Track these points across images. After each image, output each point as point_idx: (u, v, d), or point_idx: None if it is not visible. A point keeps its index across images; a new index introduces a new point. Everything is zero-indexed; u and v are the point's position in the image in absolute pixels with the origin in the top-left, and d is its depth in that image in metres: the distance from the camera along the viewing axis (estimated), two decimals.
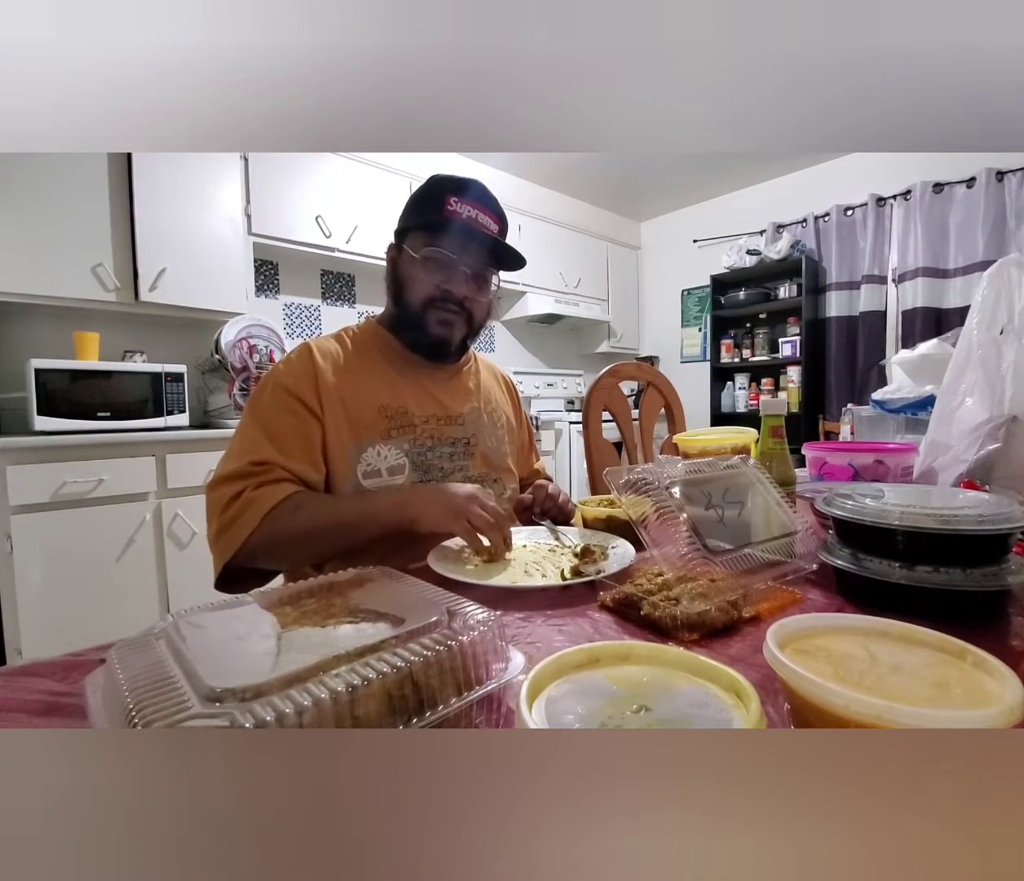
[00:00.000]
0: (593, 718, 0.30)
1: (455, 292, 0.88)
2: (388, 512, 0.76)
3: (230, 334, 2.32)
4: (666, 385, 1.61)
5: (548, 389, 3.86)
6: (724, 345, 3.92)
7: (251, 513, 0.73)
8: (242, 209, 2.40)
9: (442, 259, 0.86)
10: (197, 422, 2.34)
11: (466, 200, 0.85)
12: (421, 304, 0.88)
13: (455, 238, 0.85)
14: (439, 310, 0.88)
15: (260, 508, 0.73)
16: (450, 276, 0.87)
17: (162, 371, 2.10)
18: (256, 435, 0.79)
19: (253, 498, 0.74)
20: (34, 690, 0.42)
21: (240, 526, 0.73)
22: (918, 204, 3.10)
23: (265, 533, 0.73)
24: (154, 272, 2.15)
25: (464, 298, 0.89)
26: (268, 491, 0.74)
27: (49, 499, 1.78)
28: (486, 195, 0.89)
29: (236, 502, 0.74)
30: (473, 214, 0.86)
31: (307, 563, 0.80)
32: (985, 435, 0.87)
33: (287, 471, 0.78)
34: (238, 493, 0.74)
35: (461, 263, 0.87)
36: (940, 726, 0.26)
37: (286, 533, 0.74)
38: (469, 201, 0.85)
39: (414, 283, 0.88)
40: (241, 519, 0.73)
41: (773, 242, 3.64)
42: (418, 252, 0.86)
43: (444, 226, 0.84)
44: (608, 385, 1.48)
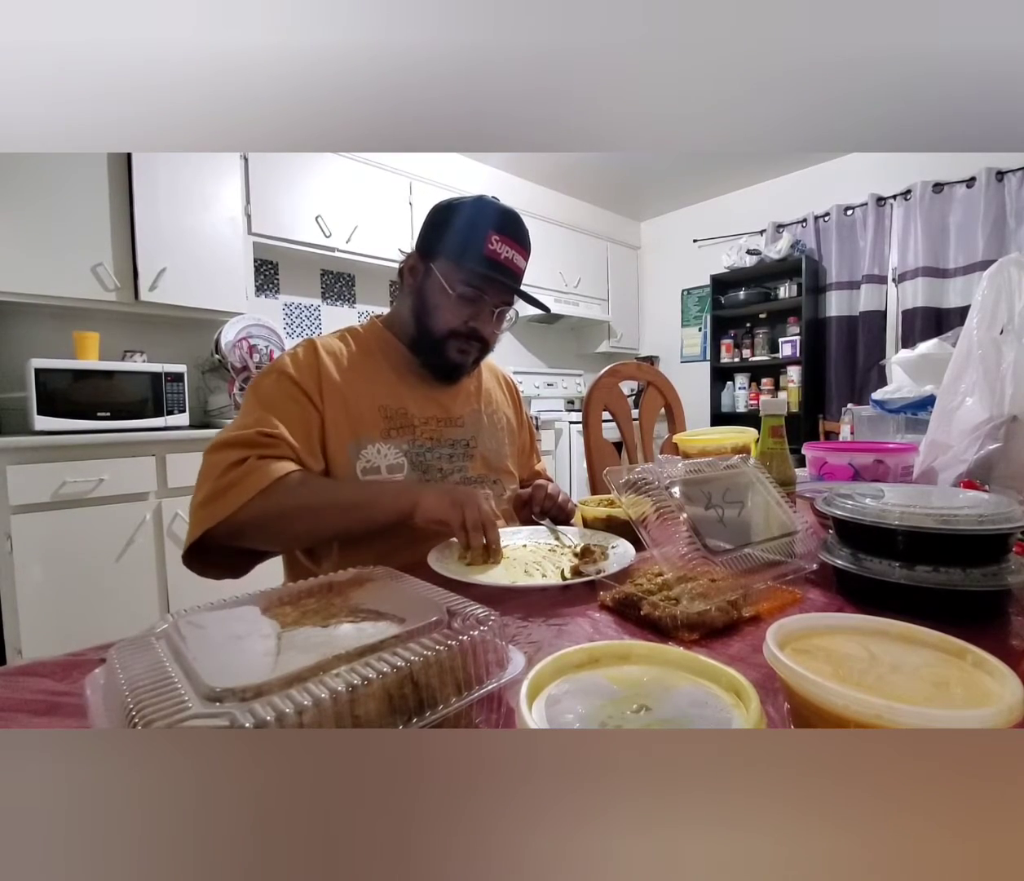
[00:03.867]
0: (593, 718, 0.30)
1: (481, 330, 0.88)
2: (389, 497, 0.76)
3: (230, 334, 2.32)
4: (666, 385, 1.61)
5: (548, 389, 3.86)
6: (724, 345, 3.92)
7: (251, 482, 0.71)
8: (242, 209, 2.40)
9: (476, 299, 0.86)
10: (197, 422, 2.34)
11: (506, 237, 0.84)
12: (445, 334, 0.87)
13: (492, 279, 0.85)
14: (461, 341, 0.88)
15: (261, 479, 0.71)
16: (479, 314, 0.87)
17: (162, 371, 2.10)
18: (262, 413, 0.78)
19: (257, 467, 0.72)
20: (34, 690, 0.42)
21: (236, 494, 0.70)
22: (918, 204, 3.10)
23: (258, 506, 0.70)
24: (154, 272, 2.15)
25: (489, 335, 0.90)
26: (273, 465, 0.73)
27: (49, 499, 1.78)
28: (521, 230, 0.88)
29: (237, 468, 0.72)
30: (511, 255, 0.85)
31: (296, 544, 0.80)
32: (985, 435, 0.87)
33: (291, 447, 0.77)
34: (242, 459, 0.72)
35: (491, 303, 0.87)
36: (940, 726, 0.26)
37: (279, 509, 0.72)
38: (509, 239, 0.85)
39: (442, 312, 0.87)
40: (239, 486, 0.71)
41: (773, 242, 3.64)
42: (453, 287, 0.85)
43: (483, 266, 0.83)
44: (608, 385, 1.48)
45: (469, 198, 0.89)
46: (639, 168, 3.59)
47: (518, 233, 0.87)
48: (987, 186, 2.88)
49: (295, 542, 0.80)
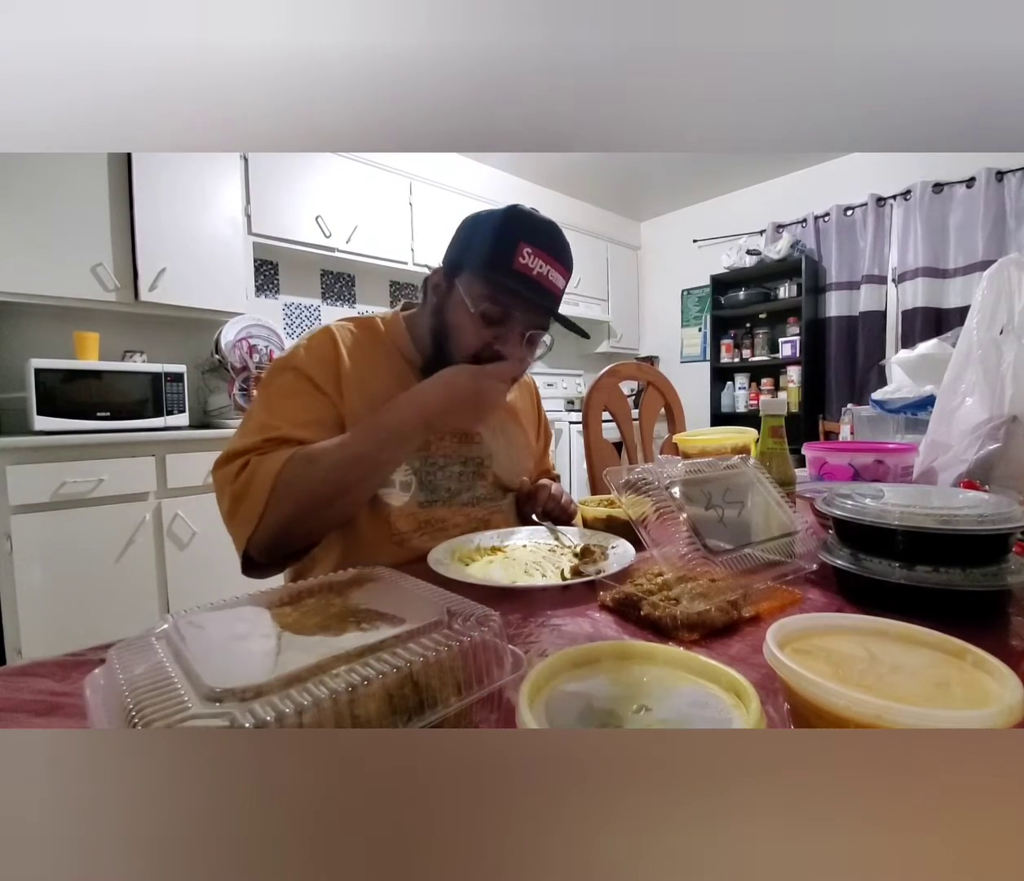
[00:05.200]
0: (593, 718, 0.30)
1: (507, 355, 0.76)
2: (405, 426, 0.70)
3: (230, 334, 2.32)
4: (666, 385, 1.61)
5: (548, 389, 3.86)
6: (724, 345, 3.92)
7: (261, 476, 0.68)
8: (242, 209, 2.40)
9: (502, 318, 0.76)
10: (197, 422, 2.34)
11: (540, 250, 0.74)
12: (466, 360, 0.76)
13: (520, 296, 0.74)
14: None
15: (269, 469, 0.68)
16: (505, 336, 0.77)
17: (162, 371, 2.10)
18: (267, 418, 0.75)
19: (261, 461, 0.70)
20: (34, 690, 0.42)
21: (254, 492, 0.68)
22: (918, 204, 3.10)
23: (287, 501, 0.68)
24: (154, 272, 2.15)
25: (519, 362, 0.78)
26: (274, 455, 0.70)
27: (49, 499, 1.78)
28: (559, 243, 0.77)
29: (244, 471, 0.70)
30: (545, 270, 0.74)
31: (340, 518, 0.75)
32: (985, 435, 0.87)
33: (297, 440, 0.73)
34: (244, 464, 0.71)
35: (520, 324, 0.77)
36: (940, 726, 0.26)
37: (307, 492, 0.69)
38: (543, 252, 0.74)
39: (462, 334, 0.77)
40: (253, 484, 0.68)
41: (773, 242, 3.64)
42: (475, 304, 0.75)
43: (512, 280, 0.73)
44: (608, 385, 1.48)
45: (501, 208, 0.78)
46: (639, 168, 3.59)
47: (555, 246, 0.76)
48: (987, 186, 2.89)
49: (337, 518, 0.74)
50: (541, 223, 0.77)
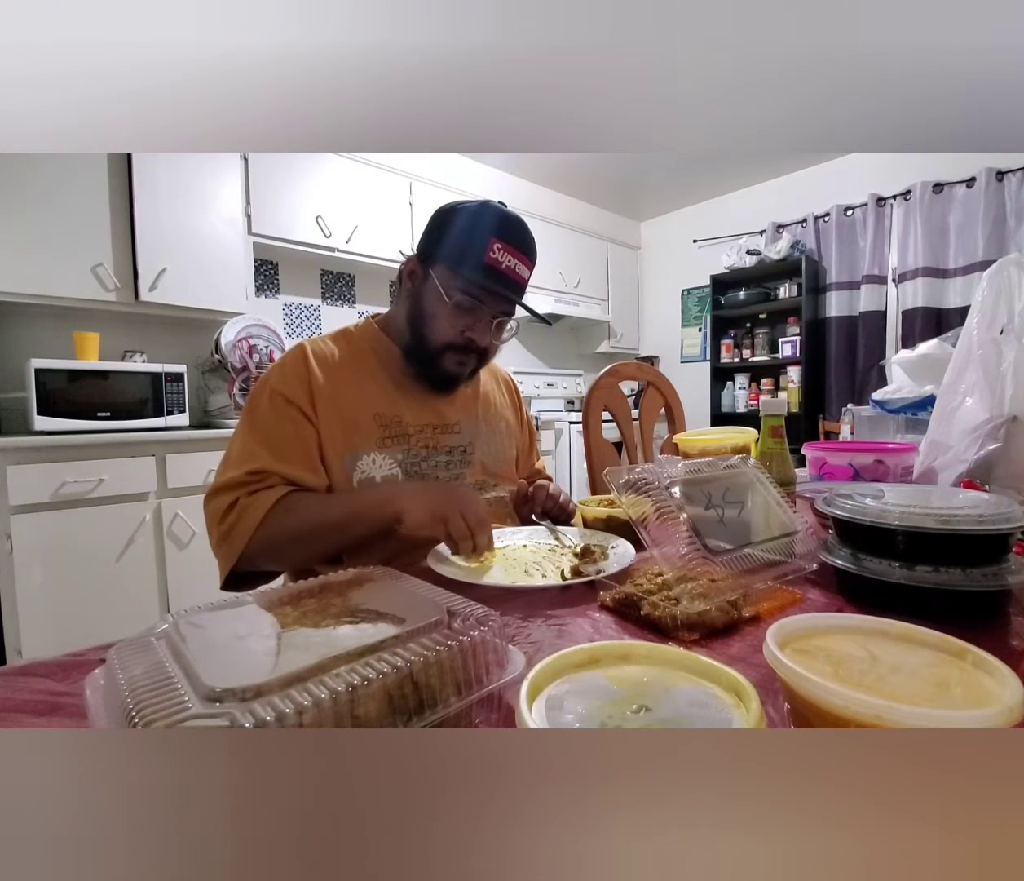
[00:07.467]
0: (593, 718, 0.30)
1: (479, 341, 0.85)
2: (373, 509, 0.75)
3: (230, 334, 2.32)
4: (666, 385, 1.61)
5: (548, 389, 3.86)
6: (724, 345, 3.92)
7: (247, 519, 0.74)
8: (242, 209, 2.40)
9: (473, 308, 0.83)
10: (197, 422, 2.34)
11: (510, 246, 0.80)
12: (440, 346, 0.84)
13: (491, 289, 0.81)
14: (458, 353, 0.85)
15: (255, 514, 0.74)
16: (476, 324, 0.84)
17: (162, 371, 2.10)
18: (252, 445, 0.79)
19: (248, 504, 0.75)
20: (34, 690, 0.42)
21: (238, 534, 0.74)
22: (918, 204, 3.10)
23: (262, 538, 0.74)
24: (154, 272, 2.15)
25: (488, 346, 0.87)
26: (262, 497, 0.75)
27: (49, 499, 1.77)
28: (526, 238, 0.84)
29: (232, 511, 0.75)
30: (512, 263, 0.81)
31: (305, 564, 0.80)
32: (985, 435, 0.87)
33: (282, 477, 0.78)
34: (233, 502, 0.75)
35: (489, 312, 0.84)
36: (940, 726, 0.26)
37: (280, 536, 0.75)
38: (512, 247, 0.81)
39: (437, 322, 0.84)
40: (238, 527, 0.74)
41: (773, 242, 3.64)
42: (449, 295, 0.81)
43: (483, 274, 0.79)
44: (608, 385, 1.48)
45: (474, 202, 0.85)
46: (639, 168, 3.59)
47: (522, 241, 0.83)
48: (987, 186, 2.88)
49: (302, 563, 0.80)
50: (510, 219, 0.83)
